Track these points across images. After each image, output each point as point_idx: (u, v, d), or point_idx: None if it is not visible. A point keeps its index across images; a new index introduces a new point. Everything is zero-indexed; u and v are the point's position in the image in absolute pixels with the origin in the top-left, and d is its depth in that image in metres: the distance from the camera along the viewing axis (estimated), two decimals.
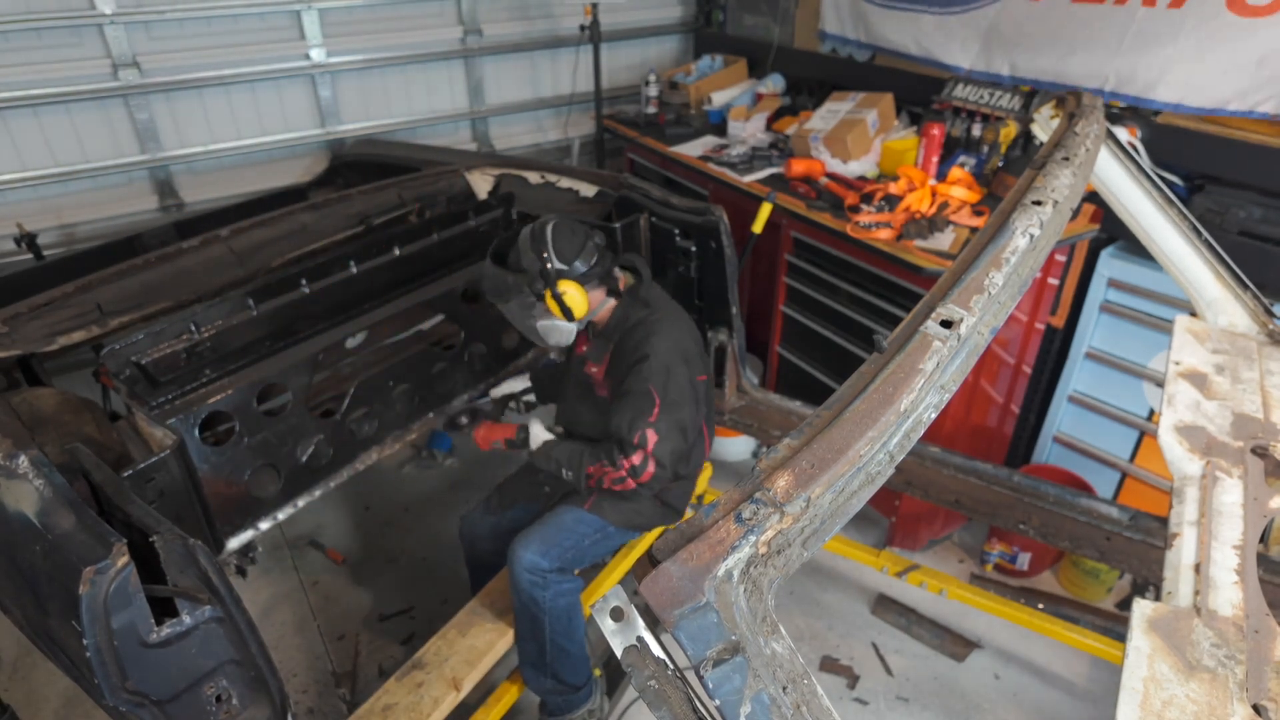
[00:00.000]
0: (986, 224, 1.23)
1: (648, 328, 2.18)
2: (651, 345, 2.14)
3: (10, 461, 1.39)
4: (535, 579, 2.19)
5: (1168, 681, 1.01)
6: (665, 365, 2.12)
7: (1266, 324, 1.87)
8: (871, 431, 0.87)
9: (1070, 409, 3.15)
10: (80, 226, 3.69)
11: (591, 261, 2.16)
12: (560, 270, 2.12)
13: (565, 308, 2.15)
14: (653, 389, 2.10)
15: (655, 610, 0.76)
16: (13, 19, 3.26)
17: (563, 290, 2.13)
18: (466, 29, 4.29)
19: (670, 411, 2.11)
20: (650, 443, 2.09)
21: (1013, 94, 3.16)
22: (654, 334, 2.16)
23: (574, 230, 2.17)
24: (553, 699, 2.37)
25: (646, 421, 2.09)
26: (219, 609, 1.26)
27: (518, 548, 2.21)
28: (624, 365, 2.18)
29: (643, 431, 2.09)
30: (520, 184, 3.15)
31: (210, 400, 2.10)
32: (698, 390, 2.24)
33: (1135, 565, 2.28)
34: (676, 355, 2.16)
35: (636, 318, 2.22)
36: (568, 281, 2.14)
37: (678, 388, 2.13)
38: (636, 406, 2.10)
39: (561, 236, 2.14)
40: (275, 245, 2.61)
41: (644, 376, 2.11)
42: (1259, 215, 2.53)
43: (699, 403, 2.25)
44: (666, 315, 2.24)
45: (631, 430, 2.09)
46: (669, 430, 2.11)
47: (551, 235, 2.13)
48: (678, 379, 2.13)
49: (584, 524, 2.29)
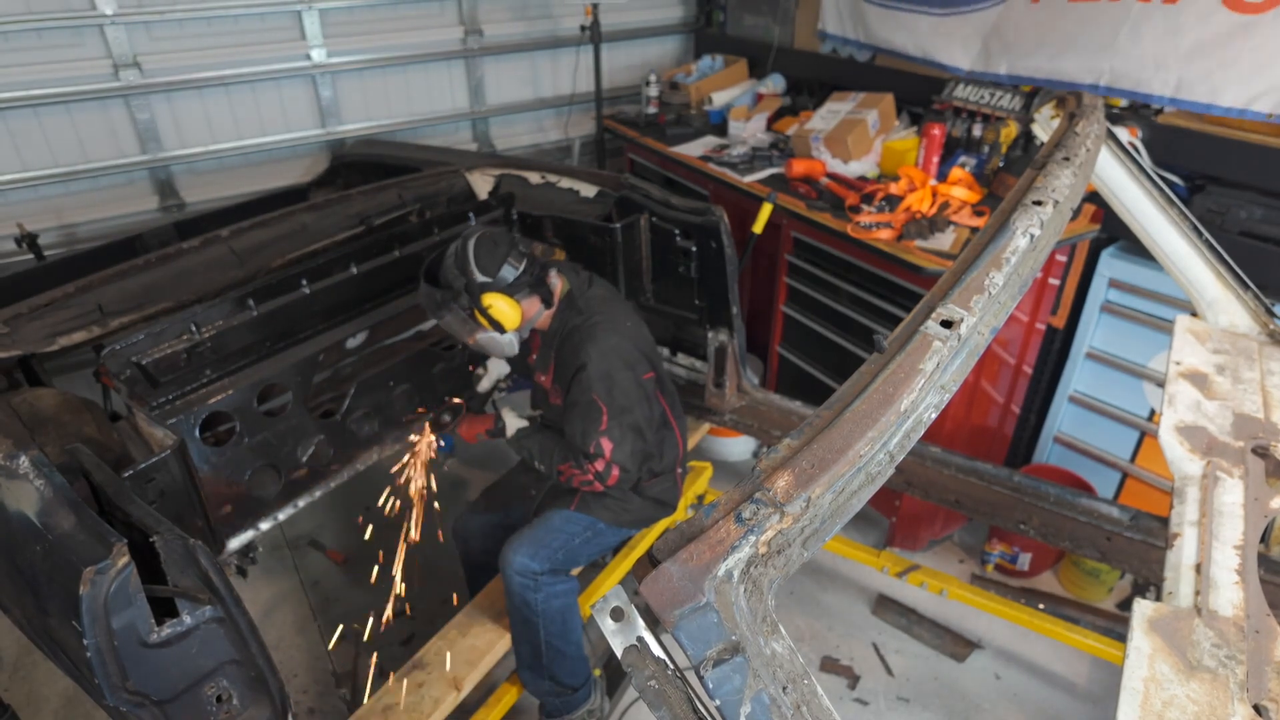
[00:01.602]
0: (987, 224, 1.23)
1: (582, 334, 2.16)
2: (586, 353, 2.12)
3: (11, 462, 1.39)
4: (526, 581, 2.19)
5: (1168, 682, 1.01)
6: (604, 372, 2.11)
7: (1267, 324, 1.87)
8: (872, 432, 0.87)
9: (1071, 409, 3.15)
10: (81, 227, 3.69)
11: (517, 270, 2.11)
12: (484, 283, 2.08)
13: (493, 320, 2.11)
14: (596, 398, 2.09)
15: (655, 610, 0.76)
16: (14, 19, 3.26)
17: (488, 304, 2.09)
18: (467, 29, 4.30)
19: (619, 416, 2.11)
20: (607, 450, 2.10)
21: (1013, 94, 3.15)
22: (588, 341, 2.14)
23: (496, 241, 2.12)
24: (551, 700, 2.37)
25: (598, 430, 2.10)
26: (219, 609, 1.26)
27: (508, 551, 2.22)
28: (566, 375, 2.17)
29: (597, 441, 2.10)
30: (521, 184, 3.15)
31: (211, 400, 2.11)
32: (647, 389, 2.23)
33: (1136, 565, 2.28)
34: (616, 360, 2.14)
35: (571, 324, 2.20)
36: (493, 294, 2.09)
37: (622, 392, 2.12)
38: (585, 417, 2.10)
39: (483, 248, 2.09)
40: (276, 245, 2.61)
41: (585, 386, 2.10)
42: (1260, 215, 2.53)
43: (650, 400, 2.24)
44: (603, 319, 2.20)
45: (585, 441, 2.10)
46: (624, 434, 2.12)
47: (474, 248, 2.08)
48: (621, 384, 2.13)
49: (572, 523, 2.29)
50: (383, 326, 2.54)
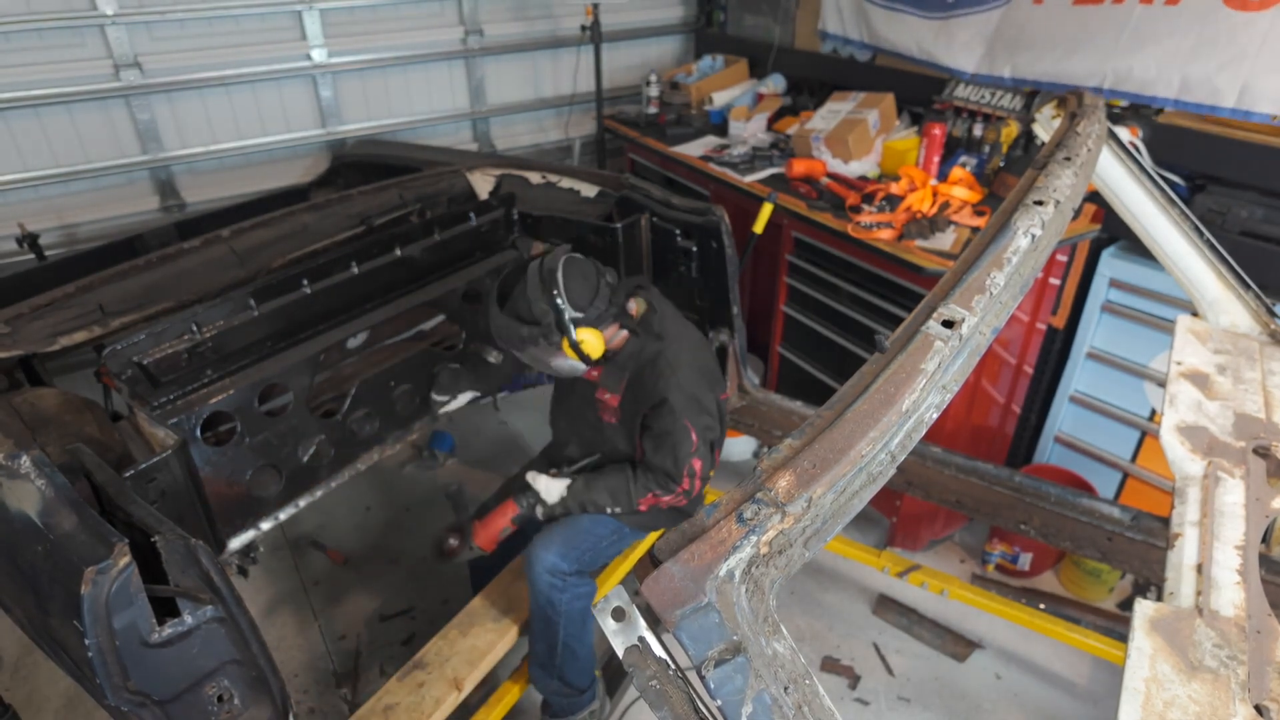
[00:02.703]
0: (988, 224, 1.23)
1: (668, 361, 2.12)
2: (676, 382, 2.09)
3: (12, 462, 1.39)
4: (555, 581, 2.19)
5: (1169, 682, 1.01)
6: (693, 397, 2.11)
7: (1268, 324, 1.87)
8: (873, 432, 0.87)
9: (1071, 409, 3.14)
10: (82, 227, 3.69)
11: (606, 304, 2.08)
12: (576, 319, 2.03)
13: (583, 355, 2.08)
14: (688, 423, 2.09)
15: (657, 610, 0.76)
16: (14, 19, 3.26)
17: (580, 339, 2.04)
18: (467, 29, 4.30)
19: (704, 435, 2.14)
20: (698, 470, 2.14)
21: (1014, 94, 3.15)
22: (677, 368, 2.11)
23: (585, 273, 2.06)
24: (557, 700, 2.37)
25: (689, 454, 2.11)
26: (220, 609, 1.26)
27: (538, 549, 2.21)
28: (645, 398, 2.14)
29: (690, 464, 2.12)
30: (521, 184, 3.15)
31: (212, 400, 2.10)
32: (722, 409, 2.27)
33: (1137, 565, 2.27)
34: (702, 384, 2.15)
35: (653, 350, 2.16)
36: (584, 330, 2.05)
37: (707, 413, 2.15)
38: (679, 444, 2.10)
39: (574, 281, 2.02)
40: (276, 245, 2.61)
41: (677, 414, 2.09)
42: (1261, 215, 2.53)
43: (724, 418, 2.29)
44: (683, 345, 2.19)
45: (679, 466, 2.11)
46: (708, 451, 2.17)
47: (564, 281, 2.01)
48: (707, 405, 2.15)
49: (601, 526, 2.29)
50: (384, 326, 2.54)
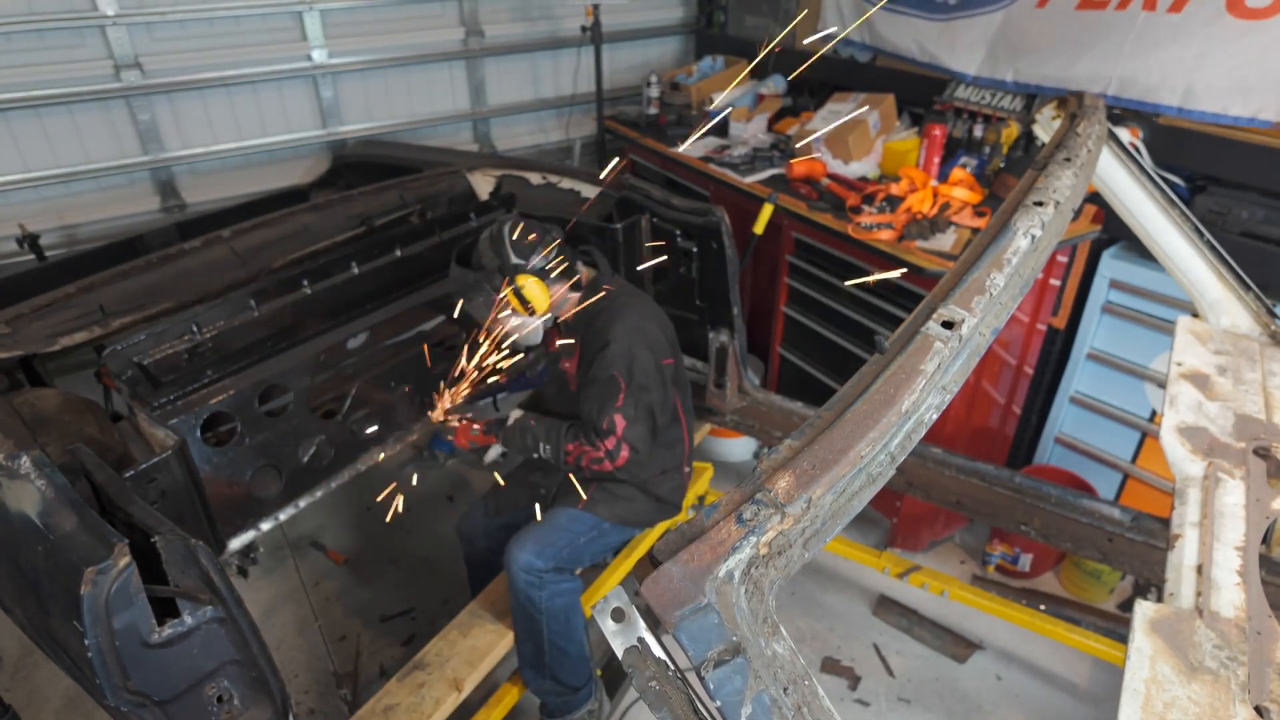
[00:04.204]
0: (988, 225, 1.23)
1: (609, 315, 2.21)
2: (613, 332, 2.17)
3: (12, 462, 1.39)
4: (531, 579, 2.19)
5: (1169, 683, 1.01)
6: (628, 349, 2.15)
7: (1268, 325, 1.87)
8: (873, 432, 0.87)
9: (1072, 410, 3.14)
10: (82, 227, 3.69)
11: (551, 257, 2.19)
12: (518, 265, 2.15)
13: (525, 301, 2.17)
14: (617, 374, 2.13)
15: (656, 611, 0.76)
16: (15, 20, 3.26)
17: (521, 284, 2.15)
18: (468, 30, 4.29)
19: (636, 394, 2.15)
20: (620, 427, 2.14)
21: (1014, 95, 3.15)
22: (615, 320, 2.19)
23: (530, 228, 2.20)
24: (552, 700, 2.37)
25: (614, 407, 2.13)
26: (220, 609, 1.26)
27: (514, 548, 2.22)
28: (590, 355, 2.21)
29: (611, 417, 2.13)
30: (522, 185, 3.15)
31: (212, 401, 2.10)
32: (664, 374, 2.26)
33: (1137, 566, 2.28)
34: (639, 340, 2.19)
35: (598, 307, 2.25)
36: (526, 276, 2.16)
37: (643, 370, 2.16)
38: (603, 393, 2.14)
39: (518, 234, 2.17)
40: (277, 246, 2.61)
41: (607, 363, 2.14)
42: (1261, 216, 2.53)
43: (666, 386, 2.28)
44: (628, 302, 2.26)
45: (600, 416, 2.14)
46: (638, 413, 2.16)
47: (508, 232, 2.17)
48: (642, 363, 2.17)
49: (578, 522, 2.29)
50: (384, 327, 2.54)
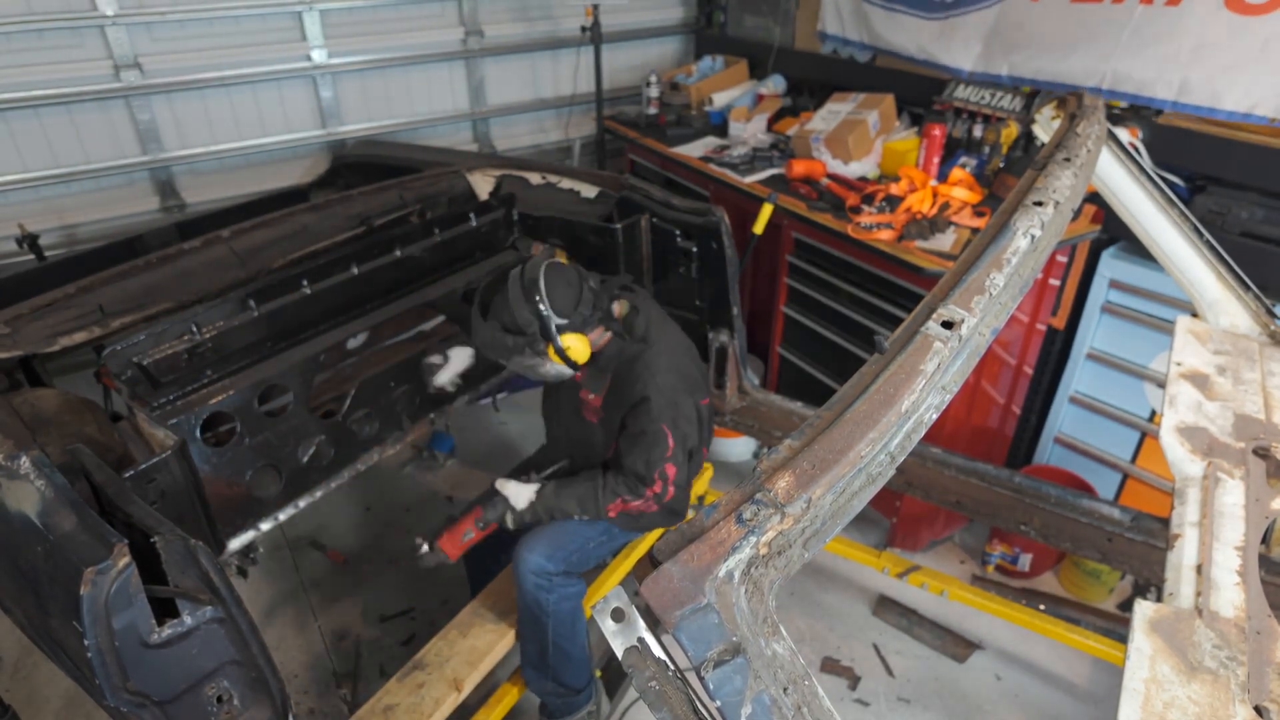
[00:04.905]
0: (988, 225, 1.23)
1: (647, 364, 2.13)
2: (656, 384, 2.10)
3: (12, 462, 1.39)
4: (541, 581, 2.19)
5: (1169, 683, 1.01)
6: (672, 401, 2.12)
7: (1268, 325, 1.87)
8: (872, 433, 0.87)
9: (1071, 410, 3.14)
10: (82, 227, 3.69)
11: (590, 309, 2.09)
12: (561, 325, 2.04)
13: (569, 361, 2.10)
14: (665, 428, 2.09)
15: (656, 611, 0.76)
16: (14, 20, 3.26)
17: (566, 345, 2.06)
18: (468, 30, 4.30)
19: (681, 442, 2.14)
20: (671, 475, 2.13)
21: (1014, 95, 3.15)
22: (656, 371, 2.12)
23: (568, 280, 2.06)
24: (553, 701, 2.37)
25: (664, 458, 2.11)
26: (220, 609, 1.26)
27: (523, 550, 2.21)
28: (625, 400, 2.15)
29: (662, 468, 2.11)
30: (521, 185, 3.15)
31: (212, 401, 2.10)
32: (703, 414, 2.27)
33: (1137, 566, 2.27)
34: (681, 388, 2.16)
35: (634, 351, 2.17)
36: (569, 335, 2.06)
37: (686, 419, 2.15)
38: (652, 446, 2.10)
39: (556, 288, 2.02)
40: (277, 246, 2.61)
41: (654, 417, 2.09)
42: (1261, 216, 2.53)
43: (705, 424, 2.29)
44: (666, 347, 2.19)
45: (650, 469, 2.11)
46: (683, 459, 2.16)
47: (546, 289, 2.01)
48: (685, 411, 2.15)
49: (590, 527, 2.29)
50: (384, 327, 2.54)
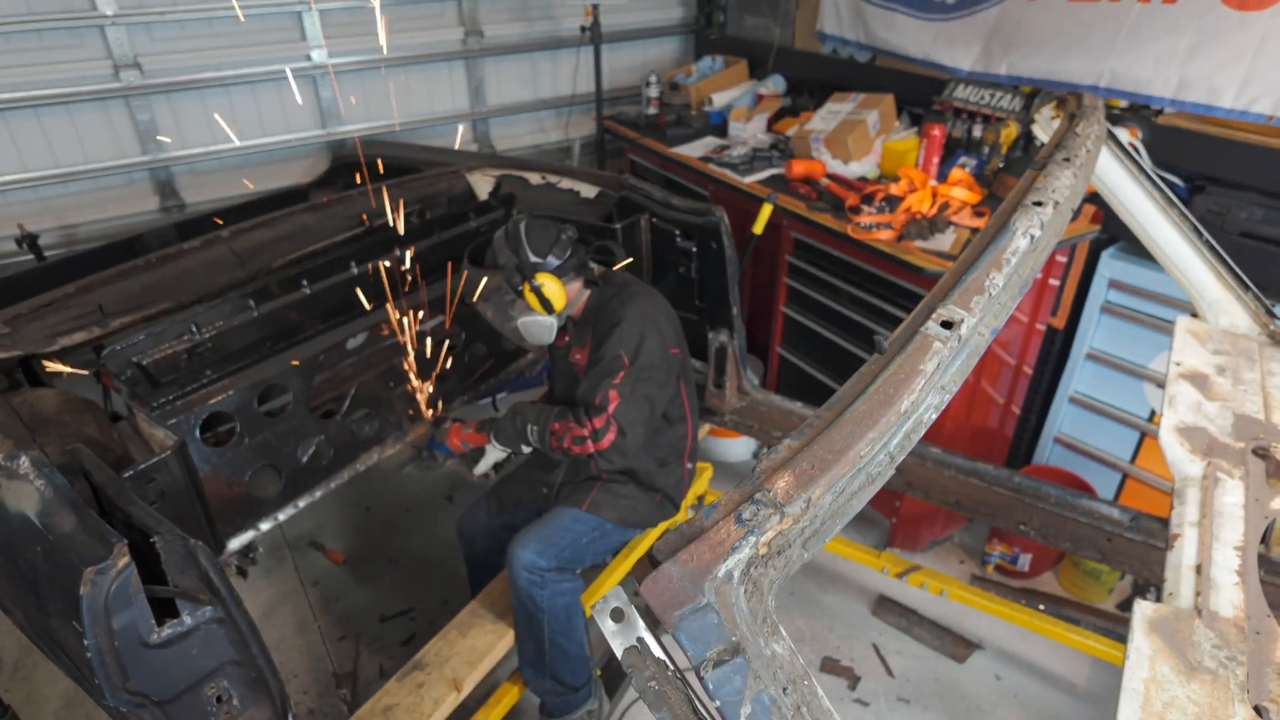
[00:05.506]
0: (987, 225, 1.23)
1: (620, 300, 2.24)
2: (624, 314, 2.19)
3: (11, 462, 1.39)
4: (534, 578, 2.19)
5: (1169, 683, 1.01)
6: (637, 331, 2.17)
7: (1268, 325, 1.87)
8: (872, 432, 0.87)
9: (1071, 410, 3.14)
10: (81, 227, 3.69)
11: (565, 254, 2.21)
12: (536, 264, 2.17)
13: (544, 300, 2.19)
14: (622, 353, 2.15)
15: (656, 611, 0.76)
16: (14, 20, 3.26)
17: (540, 283, 2.18)
18: (467, 30, 4.30)
19: (637, 375, 2.14)
20: (611, 404, 2.12)
21: (1013, 95, 3.15)
22: (626, 304, 2.22)
23: (546, 226, 2.23)
24: (552, 699, 2.37)
25: (611, 383, 2.12)
26: (220, 609, 1.26)
27: (516, 547, 2.22)
28: (600, 339, 2.22)
29: (605, 392, 2.12)
30: (521, 185, 3.15)
31: (211, 401, 2.10)
32: (670, 363, 2.25)
33: (1136, 566, 2.28)
34: (648, 324, 2.20)
35: (609, 295, 2.28)
36: (544, 274, 2.18)
37: (647, 353, 2.16)
38: (604, 369, 2.15)
39: (535, 232, 2.20)
40: (276, 246, 2.61)
41: (615, 342, 2.16)
42: (1260, 216, 2.53)
43: (670, 376, 2.26)
44: (639, 290, 2.30)
45: (595, 391, 2.13)
46: (634, 394, 2.14)
47: (525, 231, 2.19)
48: (649, 347, 2.17)
49: (581, 522, 2.30)
50: (384, 327, 2.53)
